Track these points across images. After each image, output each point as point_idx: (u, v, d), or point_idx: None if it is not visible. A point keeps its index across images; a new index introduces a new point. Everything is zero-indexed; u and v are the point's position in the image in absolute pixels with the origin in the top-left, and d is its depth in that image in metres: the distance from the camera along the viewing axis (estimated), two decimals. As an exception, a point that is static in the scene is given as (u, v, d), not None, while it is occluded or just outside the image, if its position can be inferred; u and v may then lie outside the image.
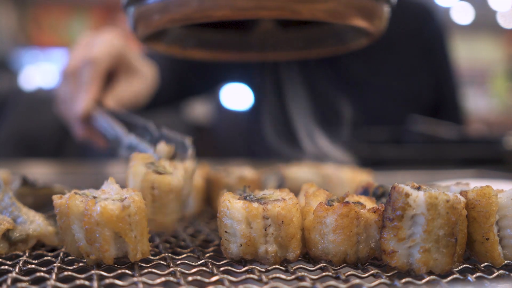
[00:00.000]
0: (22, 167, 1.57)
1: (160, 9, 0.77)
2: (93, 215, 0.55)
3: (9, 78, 5.90)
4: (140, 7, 0.81)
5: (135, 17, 0.83)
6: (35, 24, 7.18)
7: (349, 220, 0.58)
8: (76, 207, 0.57)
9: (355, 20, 0.77)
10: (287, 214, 0.59)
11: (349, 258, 0.60)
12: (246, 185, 0.69)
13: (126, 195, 0.59)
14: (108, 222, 0.55)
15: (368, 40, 0.92)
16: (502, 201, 0.60)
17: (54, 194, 0.61)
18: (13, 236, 0.64)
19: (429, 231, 0.55)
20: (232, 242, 0.60)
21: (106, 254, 0.57)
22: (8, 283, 0.52)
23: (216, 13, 0.74)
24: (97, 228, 0.56)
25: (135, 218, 0.57)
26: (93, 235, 0.56)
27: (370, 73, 2.06)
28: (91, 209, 0.56)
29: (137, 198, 0.59)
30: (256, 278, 0.56)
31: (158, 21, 0.79)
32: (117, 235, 0.57)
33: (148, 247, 0.60)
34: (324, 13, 0.74)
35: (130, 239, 0.57)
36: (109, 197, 0.60)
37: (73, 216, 0.58)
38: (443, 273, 0.56)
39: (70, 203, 0.58)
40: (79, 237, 0.58)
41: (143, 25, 0.82)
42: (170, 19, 0.77)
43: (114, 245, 0.57)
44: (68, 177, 1.48)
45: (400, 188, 0.56)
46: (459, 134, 1.90)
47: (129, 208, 0.56)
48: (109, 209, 0.55)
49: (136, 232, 0.58)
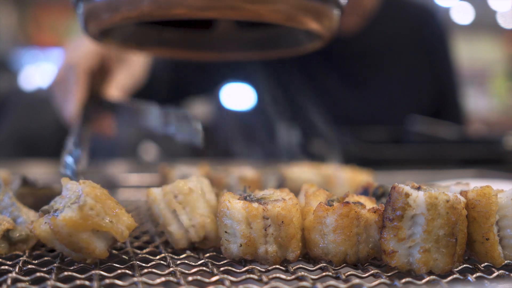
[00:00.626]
0: (22, 167, 1.57)
1: (110, 7, 0.76)
2: (61, 230, 0.55)
3: (9, 78, 5.91)
4: (88, 3, 0.79)
5: (85, 14, 0.81)
6: (35, 24, 7.17)
7: (349, 220, 0.58)
8: (45, 232, 0.57)
9: (304, 22, 0.78)
10: (287, 214, 0.59)
11: (349, 258, 0.60)
12: (246, 185, 0.69)
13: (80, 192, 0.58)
14: (77, 227, 0.55)
15: (321, 42, 0.93)
16: (502, 201, 0.60)
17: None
18: (13, 236, 0.64)
19: (429, 231, 0.55)
20: (232, 242, 0.60)
21: (97, 252, 0.57)
22: (8, 283, 0.52)
23: (167, 12, 0.73)
24: (72, 238, 0.55)
25: (98, 207, 0.57)
26: (74, 245, 0.56)
27: (372, 73, 2.06)
28: (56, 225, 0.55)
29: (88, 188, 0.57)
30: (256, 278, 0.56)
31: (109, 20, 0.78)
32: (94, 231, 0.56)
33: (130, 219, 0.60)
34: (273, 14, 0.75)
35: (106, 226, 0.56)
36: (66, 202, 0.58)
37: (48, 239, 0.57)
38: (443, 273, 0.56)
39: (37, 232, 0.57)
40: (67, 251, 0.58)
41: (93, 23, 0.81)
42: (121, 17, 0.76)
43: (97, 240, 0.57)
44: (68, 177, 1.48)
45: (400, 188, 0.56)
46: (459, 134, 1.90)
47: (86, 204, 0.56)
48: (69, 217, 0.54)
49: (107, 217, 0.57)
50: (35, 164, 1.68)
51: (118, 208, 0.59)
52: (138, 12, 0.74)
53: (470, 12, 8.50)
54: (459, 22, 8.38)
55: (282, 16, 0.76)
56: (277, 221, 0.59)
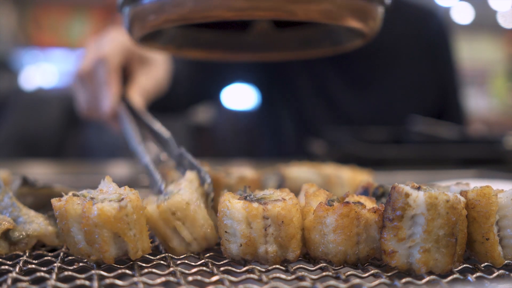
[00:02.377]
0: (22, 167, 1.57)
1: (156, 10, 0.77)
2: (91, 217, 0.56)
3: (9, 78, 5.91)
4: (135, 7, 0.80)
5: (131, 17, 0.83)
6: (35, 24, 7.17)
7: (349, 220, 0.58)
8: (73, 210, 0.57)
9: (349, 21, 0.78)
10: (287, 214, 0.59)
11: (349, 258, 0.60)
12: (246, 185, 0.69)
13: (124, 195, 0.59)
14: (106, 223, 0.56)
15: (363, 41, 0.93)
16: (502, 201, 0.60)
17: (54, 194, 0.62)
18: (13, 236, 0.64)
19: (429, 231, 0.55)
20: (232, 242, 0.60)
21: (106, 255, 0.57)
22: (8, 283, 0.52)
23: (211, 13, 0.73)
24: (96, 229, 0.56)
25: (132, 217, 0.57)
26: (92, 236, 0.56)
27: (374, 73, 2.07)
28: (88, 211, 0.56)
29: (133, 197, 0.59)
30: (256, 278, 0.56)
31: (154, 22, 0.79)
32: (116, 235, 0.57)
33: (148, 244, 0.60)
34: (318, 13, 0.74)
35: (129, 238, 0.57)
36: (106, 197, 0.60)
37: (72, 219, 0.58)
38: (443, 273, 0.56)
39: (67, 207, 0.58)
40: (79, 239, 0.58)
41: (139, 25, 0.82)
42: (166, 19, 0.77)
43: (113, 245, 0.57)
44: (68, 177, 1.48)
45: (400, 188, 0.56)
46: (459, 134, 1.90)
47: (126, 208, 0.57)
48: (106, 210, 0.55)
49: (135, 231, 0.58)
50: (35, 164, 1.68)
51: (144, 229, 0.60)
52: (182, 14, 0.75)
53: (470, 12, 8.50)
54: (459, 22, 8.38)
55: (327, 16, 0.75)
56: (277, 221, 0.59)
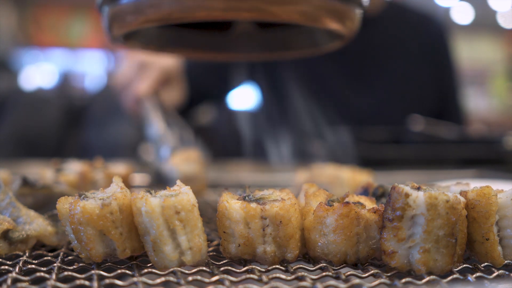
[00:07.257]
0: (22, 167, 1.57)
1: (134, 10, 0.77)
2: (75, 215, 0.57)
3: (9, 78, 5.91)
4: (113, 7, 0.81)
5: (110, 17, 0.83)
6: (35, 24, 7.17)
7: (349, 220, 0.58)
8: (64, 209, 0.59)
9: (327, 23, 0.78)
10: (285, 214, 0.58)
11: (349, 258, 0.60)
12: (246, 185, 0.69)
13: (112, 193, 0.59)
14: (89, 221, 0.56)
15: (341, 43, 0.93)
16: (502, 201, 0.60)
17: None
18: (13, 236, 0.64)
19: (429, 231, 0.55)
20: (230, 242, 0.60)
21: (92, 252, 0.57)
22: (8, 283, 0.52)
23: (191, 14, 0.74)
24: (80, 227, 0.57)
25: (118, 216, 0.57)
26: (78, 234, 0.57)
27: (374, 74, 2.07)
28: (74, 209, 0.57)
29: (120, 195, 0.58)
30: (256, 278, 0.56)
31: (133, 22, 0.79)
32: (101, 232, 0.57)
33: (139, 243, 0.60)
34: (296, 15, 0.75)
35: (114, 236, 0.57)
36: (98, 196, 0.60)
37: (64, 218, 0.59)
38: (443, 273, 0.56)
39: (59, 206, 0.59)
40: (72, 237, 0.59)
41: (117, 25, 0.82)
42: (145, 20, 0.77)
43: (100, 242, 0.58)
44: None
45: (400, 188, 0.56)
46: (459, 134, 1.90)
47: (109, 206, 0.57)
48: (88, 208, 0.56)
49: (122, 229, 0.58)
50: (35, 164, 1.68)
51: (135, 229, 0.59)
52: (161, 14, 0.75)
53: (470, 12, 8.50)
54: (459, 22, 8.38)
55: (305, 17, 0.76)
56: (275, 221, 0.59)
